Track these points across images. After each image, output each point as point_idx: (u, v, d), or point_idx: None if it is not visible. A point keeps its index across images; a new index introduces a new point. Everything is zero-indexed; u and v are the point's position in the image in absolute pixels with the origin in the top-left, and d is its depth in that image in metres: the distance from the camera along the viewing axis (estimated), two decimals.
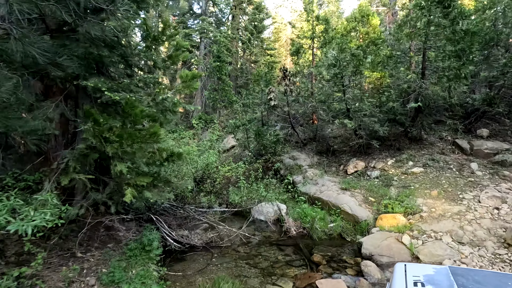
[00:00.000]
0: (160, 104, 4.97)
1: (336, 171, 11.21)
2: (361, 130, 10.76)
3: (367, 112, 10.32)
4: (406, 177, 9.06)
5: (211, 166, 9.61)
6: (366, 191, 8.87)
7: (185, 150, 5.12)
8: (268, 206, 9.00)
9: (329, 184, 9.42)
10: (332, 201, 8.33)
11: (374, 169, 10.12)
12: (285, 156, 13.12)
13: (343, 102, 9.91)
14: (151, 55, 5.09)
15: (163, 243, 6.24)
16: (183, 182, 6.12)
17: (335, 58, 9.47)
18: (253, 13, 26.05)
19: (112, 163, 4.11)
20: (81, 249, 4.85)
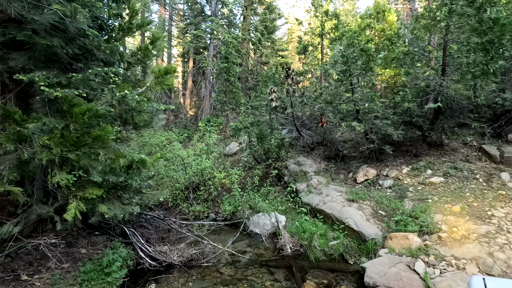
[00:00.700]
0: (122, 103, 4.27)
1: (345, 179, 10.15)
2: (372, 133, 9.68)
3: (378, 114, 9.25)
4: (423, 188, 7.90)
5: (205, 172, 8.85)
6: (376, 204, 7.80)
7: (153, 157, 4.40)
8: (266, 217, 8.13)
9: (334, 194, 8.41)
10: (335, 214, 7.33)
11: (386, 177, 9.00)
12: (290, 162, 12.19)
13: (351, 103, 8.89)
14: (114, 47, 4.41)
15: (136, 261, 5.53)
16: (157, 193, 5.39)
17: (342, 53, 8.50)
18: (263, 13, 25.35)
19: (51, 172, 3.42)
20: (29, 270, 4.20)
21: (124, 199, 4.58)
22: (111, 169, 4.01)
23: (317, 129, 12.61)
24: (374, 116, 9.23)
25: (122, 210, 4.37)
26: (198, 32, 22.94)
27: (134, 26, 4.78)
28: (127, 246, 5.66)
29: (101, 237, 5.47)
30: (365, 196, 8.16)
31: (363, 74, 8.86)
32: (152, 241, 6.18)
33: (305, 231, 6.81)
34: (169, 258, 5.72)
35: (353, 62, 8.51)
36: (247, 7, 27.29)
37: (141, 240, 5.84)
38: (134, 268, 5.43)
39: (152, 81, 4.84)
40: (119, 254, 4.84)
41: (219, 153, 11.42)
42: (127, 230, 5.76)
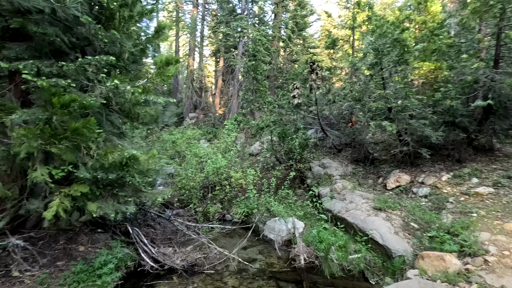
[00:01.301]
0: (117, 94, 3.99)
1: (373, 184, 9.18)
2: (406, 135, 8.61)
3: (414, 113, 8.19)
4: (466, 199, 6.76)
5: (220, 171, 8.48)
6: (407, 214, 6.83)
7: (148, 154, 4.07)
8: (282, 222, 7.53)
9: (359, 201, 7.56)
10: (358, 224, 6.52)
11: (422, 185, 7.92)
12: (314, 163, 11.42)
13: (382, 100, 7.95)
14: (112, 35, 4.14)
15: (137, 262, 5.28)
16: (158, 192, 5.09)
17: (373, 45, 7.62)
18: (294, 9, 24.55)
19: (32, 167, 3.20)
20: (23, 266, 4.08)
21: (120, 197, 4.33)
22: (102, 165, 3.75)
23: (346, 129, 11.69)
24: (409, 115, 8.19)
25: (114, 209, 4.10)
26: (227, 30, 22.85)
27: (135, 14, 4.51)
28: (129, 246, 5.44)
29: (104, 235, 5.30)
30: (395, 205, 7.21)
31: (397, 68, 7.88)
32: (157, 242, 5.92)
33: (322, 241, 6.12)
34: (172, 261, 5.39)
35: (384, 54, 7.58)
36: (278, 4, 26.69)
37: (144, 240, 5.59)
38: (134, 269, 5.19)
39: (154, 72, 4.54)
40: (115, 254, 4.60)
41: (242, 152, 11.00)
42: (131, 228, 5.54)
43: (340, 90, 10.00)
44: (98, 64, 3.80)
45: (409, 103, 7.51)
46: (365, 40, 7.89)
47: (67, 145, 3.23)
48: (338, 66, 12.41)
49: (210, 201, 8.59)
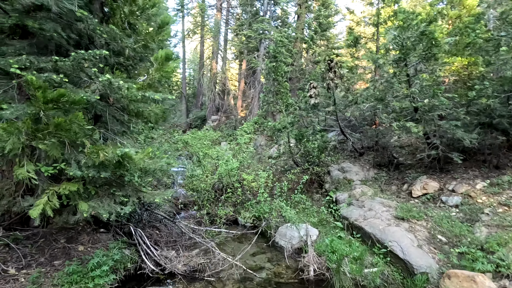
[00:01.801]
0: (112, 90, 3.85)
1: (397, 191, 8.44)
2: (435, 137, 7.83)
3: (444, 113, 7.42)
4: (505, 211, 5.92)
5: (232, 173, 8.22)
6: (434, 226, 6.12)
7: (142, 152, 3.89)
8: (295, 229, 7.10)
9: (379, 209, 6.93)
10: (377, 234, 5.92)
11: (453, 193, 7.11)
12: (333, 167, 10.83)
13: (406, 99, 7.28)
14: (110, 31, 4.04)
15: (137, 265, 5.13)
16: (158, 192, 4.90)
17: (396, 39, 7.01)
18: (318, 9, 23.95)
19: (19, 163, 3.11)
20: (20, 264, 4.05)
21: (117, 197, 4.19)
22: (94, 163, 3.62)
23: (368, 131, 10.98)
24: (438, 116, 7.43)
25: (109, 209, 3.96)
26: (248, 32, 22.78)
27: (137, 9, 4.39)
28: (131, 247, 5.31)
29: (106, 235, 5.22)
30: (420, 215, 6.50)
31: (424, 64, 7.18)
32: (161, 244, 5.76)
33: (335, 252, 5.61)
34: (173, 265, 5.18)
35: (409, 49, 6.94)
36: (301, 5, 26.24)
37: (147, 242, 5.44)
38: (135, 272, 5.04)
39: (153, 68, 4.38)
40: (112, 256, 4.46)
41: (261, 155, 10.67)
42: (133, 229, 5.42)
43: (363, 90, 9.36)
44: (93, 58, 3.70)
45: (437, 102, 6.78)
46: (388, 35, 7.28)
47: (53, 141, 3.13)
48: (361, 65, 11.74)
49: (222, 204, 8.35)
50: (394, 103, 7.16)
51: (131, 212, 5.89)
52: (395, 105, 7.13)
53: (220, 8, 30.79)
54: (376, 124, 11.67)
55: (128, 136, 5.05)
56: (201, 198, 8.37)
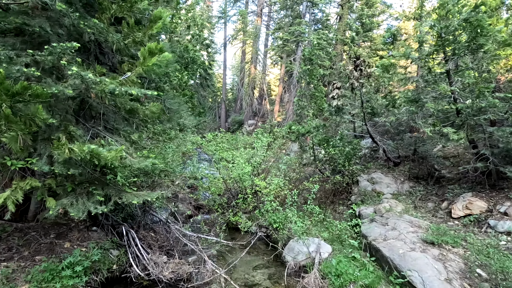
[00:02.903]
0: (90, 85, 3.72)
1: (434, 209, 7.16)
2: (485, 147, 6.47)
3: (496, 117, 6.09)
4: None
5: (244, 178, 7.78)
6: (473, 255, 4.91)
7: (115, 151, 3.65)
8: (309, 242, 6.37)
9: (404, 229, 5.86)
10: (395, 259, 4.93)
11: (505, 217, 5.72)
12: (362, 177, 9.75)
13: (444, 100, 6.13)
14: (95, 25, 3.93)
15: (124, 267, 4.95)
16: (144, 193, 4.65)
17: (433, 28, 5.97)
18: (360, 8, 22.50)
19: None
20: (4, 256, 4.10)
21: (95, 195, 4.04)
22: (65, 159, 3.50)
23: (404, 138, 9.68)
24: (486, 120, 6.12)
25: (84, 208, 3.81)
26: (285, 35, 22.31)
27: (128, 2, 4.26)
28: (121, 248, 5.17)
29: (97, 234, 5.15)
30: (457, 241, 5.31)
31: (469, 56, 5.99)
32: (155, 248, 5.52)
33: (340, 275, 4.80)
34: (159, 271, 4.88)
35: (447, 40, 5.83)
36: (343, 5, 25.00)
37: (139, 244, 5.24)
38: (119, 274, 4.86)
39: (137, 63, 4.19)
40: (90, 256, 4.31)
41: (293, 161, 10.03)
42: (125, 230, 5.27)
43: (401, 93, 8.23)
44: (70, 52, 3.62)
45: (484, 103, 5.55)
46: (423, 26, 6.24)
47: (12, 134, 3.06)
48: (401, 65, 10.51)
49: (232, 210, 7.95)
50: (428, 105, 6.05)
51: (128, 212, 5.82)
52: (429, 106, 6.03)
53: (260, 13, 30.93)
54: (416, 130, 10.27)
55: (122, 134, 4.95)
56: (211, 203, 8.08)
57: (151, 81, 6.26)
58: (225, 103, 35.89)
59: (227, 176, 8.03)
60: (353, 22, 22.67)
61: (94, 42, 4.54)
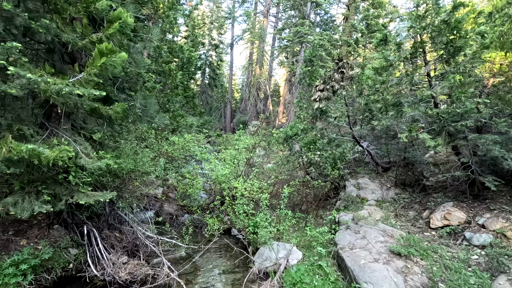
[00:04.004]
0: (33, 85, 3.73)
1: (414, 218, 6.87)
2: (469, 155, 6.15)
3: (475, 123, 5.78)
4: None
5: (221, 179, 7.70)
6: (441, 269, 4.64)
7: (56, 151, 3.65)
8: (275, 248, 6.22)
9: (374, 238, 5.62)
10: (355, 270, 4.73)
11: (482, 229, 5.40)
12: (350, 182, 9.49)
13: (420, 104, 5.85)
14: (47, 24, 3.95)
15: (83, 267, 4.96)
16: (98, 194, 4.63)
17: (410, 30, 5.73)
18: (366, 9, 22.00)
19: None
20: None
21: (44, 195, 4.07)
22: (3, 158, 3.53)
23: (392, 143, 9.35)
24: (473, 127, 5.81)
25: (27, 207, 3.83)
26: (287, 36, 22.11)
27: (84, 2, 4.25)
28: (81, 247, 5.19)
29: (58, 232, 5.19)
30: (427, 253, 5.05)
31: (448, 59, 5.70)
32: (118, 248, 5.52)
33: (295, 284, 4.64)
34: (115, 272, 4.87)
35: (426, 42, 5.57)
36: (349, 6, 24.56)
37: (100, 243, 5.25)
38: (74, 274, 4.87)
39: (88, 64, 4.18)
40: (41, 255, 4.34)
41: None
42: (87, 229, 5.29)
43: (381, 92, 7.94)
44: (14, 52, 3.64)
45: (460, 109, 5.26)
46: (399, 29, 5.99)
47: None
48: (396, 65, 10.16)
49: (210, 212, 7.88)
50: (405, 109, 5.81)
51: (94, 211, 5.83)
52: (406, 111, 5.78)
53: (266, 14, 30.79)
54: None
55: (82, 134, 4.97)
56: (190, 204, 8.05)
57: (124, 81, 6.29)
58: (231, 103, 35.94)
59: (206, 177, 7.96)
60: (358, 23, 22.20)
61: (59, 43, 4.57)
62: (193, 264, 6.35)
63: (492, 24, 6.11)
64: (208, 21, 39.39)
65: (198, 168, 8.16)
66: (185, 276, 5.74)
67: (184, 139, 8.18)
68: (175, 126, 13.42)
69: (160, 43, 12.69)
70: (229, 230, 8.39)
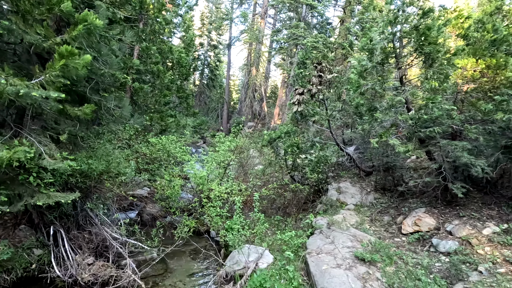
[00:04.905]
0: None
1: (389, 223, 6.86)
2: (441, 161, 6.14)
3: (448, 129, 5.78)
4: (508, 272, 4.16)
5: (199, 181, 7.70)
6: (403, 276, 4.63)
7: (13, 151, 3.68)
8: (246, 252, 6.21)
9: (342, 243, 5.62)
10: (316, 275, 4.73)
11: (449, 236, 5.39)
12: (332, 186, 9.49)
13: (392, 109, 5.85)
14: (9, 26, 3.98)
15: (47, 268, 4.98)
16: (61, 195, 4.65)
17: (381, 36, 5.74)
18: (360, 12, 22.01)
19: None
20: None
21: (1, 195, 4.09)
22: None
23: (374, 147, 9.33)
24: (439, 132, 5.79)
25: None
26: (281, 38, 22.14)
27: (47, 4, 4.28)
28: (46, 248, 5.20)
29: (24, 232, 5.21)
30: (393, 259, 5.04)
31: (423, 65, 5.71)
32: (85, 249, 5.53)
33: (259, 287, 4.64)
34: (78, 272, 4.89)
35: (394, 47, 5.58)
36: (345, 9, 24.57)
37: (66, 244, 5.27)
38: (37, 274, 4.88)
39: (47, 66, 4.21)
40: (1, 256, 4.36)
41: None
42: (53, 229, 5.30)
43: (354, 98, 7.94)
44: None
45: (427, 115, 5.26)
46: (372, 32, 6.01)
47: None
48: None
49: (187, 214, 7.88)
50: (377, 114, 5.81)
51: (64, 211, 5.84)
52: (377, 116, 5.78)
53: (264, 15, 30.82)
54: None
55: (48, 135, 4.99)
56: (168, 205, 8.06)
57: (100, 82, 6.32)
58: (227, 103, 35.97)
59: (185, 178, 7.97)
60: (352, 26, 22.20)
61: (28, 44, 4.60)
62: (165, 266, 6.36)
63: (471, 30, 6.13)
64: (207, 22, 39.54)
65: (177, 170, 8.15)
66: (152, 278, 5.76)
67: (160, 140, 8.17)
68: (164, 127, 13.44)
69: (149, 43, 12.74)
70: (208, 232, 8.40)
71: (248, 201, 8.95)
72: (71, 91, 6.06)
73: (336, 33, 25.14)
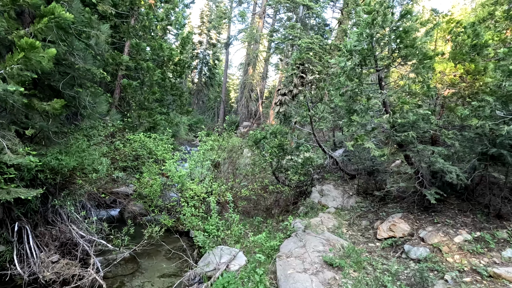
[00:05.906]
0: None
1: (366, 228, 6.77)
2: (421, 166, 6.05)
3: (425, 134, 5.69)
4: (473, 282, 4.08)
5: (177, 180, 7.60)
6: (370, 284, 4.54)
7: None
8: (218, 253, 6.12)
9: (314, 247, 5.52)
10: (281, 279, 4.64)
11: (421, 243, 5.30)
12: (315, 188, 9.40)
13: (369, 112, 5.76)
14: None
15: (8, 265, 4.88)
16: (23, 191, 4.56)
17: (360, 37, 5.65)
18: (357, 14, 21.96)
19: None
20: None
21: None
22: None
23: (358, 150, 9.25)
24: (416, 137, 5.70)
25: None
26: (277, 38, 22.04)
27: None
28: (8, 244, 5.11)
29: None
30: (362, 265, 4.95)
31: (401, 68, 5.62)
32: (51, 247, 5.43)
33: None
34: (39, 270, 4.79)
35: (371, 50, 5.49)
36: (342, 10, 24.48)
37: (31, 241, 5.17)
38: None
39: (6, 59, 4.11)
40: None
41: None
42: (18, 226, 5.20)
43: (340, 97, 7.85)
44: None
45: (401, 119, 5.17)
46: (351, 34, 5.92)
47: None
48: None
49: (165, 213, 7.79)
50: (353, 117, 5.71)
51: (31, 207, 5.74)
52: (354, 119, 5.68)
53: (262, 15, 30.70)
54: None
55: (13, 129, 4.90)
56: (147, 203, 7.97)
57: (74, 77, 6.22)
58: (224, 102, 35.88)
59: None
60: (349, 28, 22.11)
61: None
62: (136, 266, 6.27)
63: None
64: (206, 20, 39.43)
65: (156, 168, 8.06)
66: (121, 278, 5.67)
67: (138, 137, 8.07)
68: (152, 124, 13.34)
69: (139, 40, 12.64)
70: (188, 231, 8.30)
71: (234, 201, 8.87)
72: (44, 86, 6.00)
73: (334, 35, 25.07)
